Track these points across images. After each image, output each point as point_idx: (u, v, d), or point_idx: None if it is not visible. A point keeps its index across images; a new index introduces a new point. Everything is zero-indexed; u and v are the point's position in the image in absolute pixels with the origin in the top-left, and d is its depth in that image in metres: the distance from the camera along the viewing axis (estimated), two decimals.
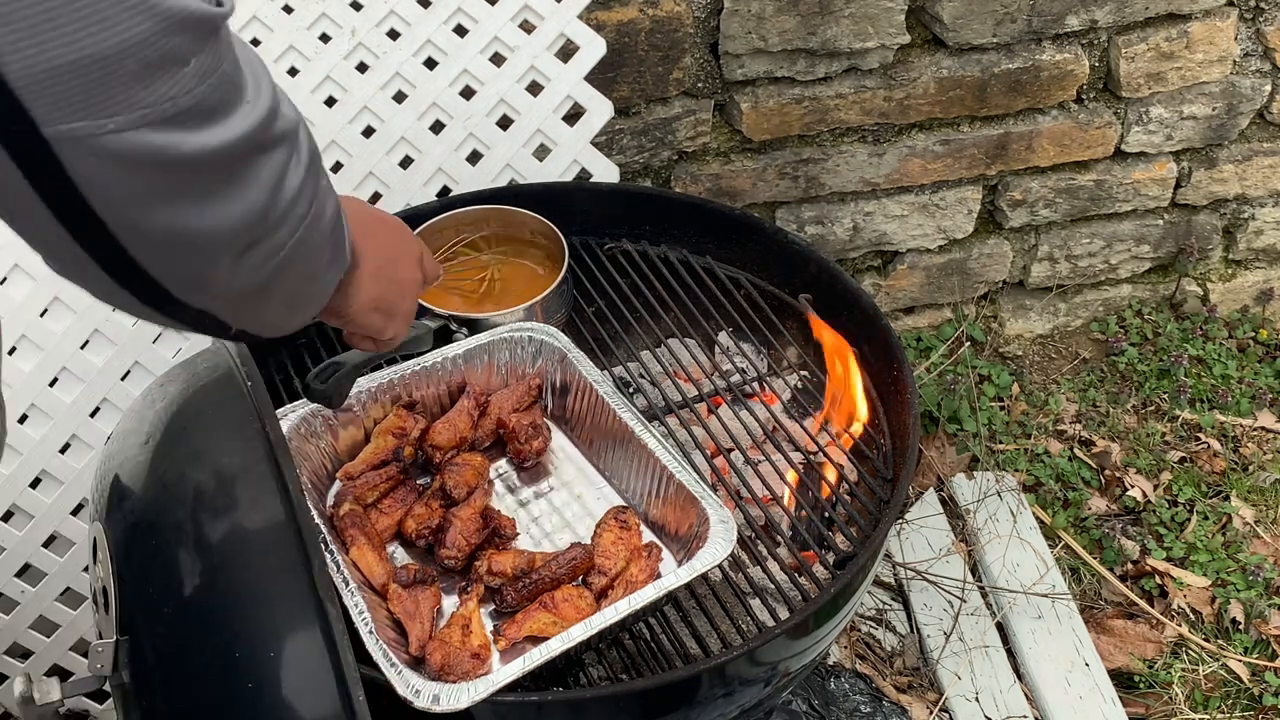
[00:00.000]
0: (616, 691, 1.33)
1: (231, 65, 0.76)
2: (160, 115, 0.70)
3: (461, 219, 1.78)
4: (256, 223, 0.80)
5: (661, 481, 1.43)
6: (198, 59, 0.72)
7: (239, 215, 0.78)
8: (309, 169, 0.86)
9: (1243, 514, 2.32)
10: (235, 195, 0.78)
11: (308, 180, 0.85)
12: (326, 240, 0.93)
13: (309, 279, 0.94)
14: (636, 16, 2.12)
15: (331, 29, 1.93)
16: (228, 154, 0.76)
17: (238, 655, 1.07)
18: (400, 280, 1.19)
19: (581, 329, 1.75)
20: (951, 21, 2.23)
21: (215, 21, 0.73)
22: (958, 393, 2.44)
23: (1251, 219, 2.66)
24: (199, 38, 0.71)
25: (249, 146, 0.78)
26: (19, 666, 1.84)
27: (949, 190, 2.47)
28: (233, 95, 0.76)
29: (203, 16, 0.72)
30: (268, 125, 0.79)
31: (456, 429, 1.52)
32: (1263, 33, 2.42)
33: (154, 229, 0.75)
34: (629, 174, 2.28)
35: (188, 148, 0.72)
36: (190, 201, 0.75)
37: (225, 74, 0.75)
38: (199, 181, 0.75)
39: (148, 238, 0.75)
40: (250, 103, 0.78)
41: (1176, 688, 2.07)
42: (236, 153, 0.77)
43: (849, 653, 2.04)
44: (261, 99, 0.79)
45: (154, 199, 0.73)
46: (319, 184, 0.88)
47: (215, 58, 0.73)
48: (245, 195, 0.78)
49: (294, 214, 0.84)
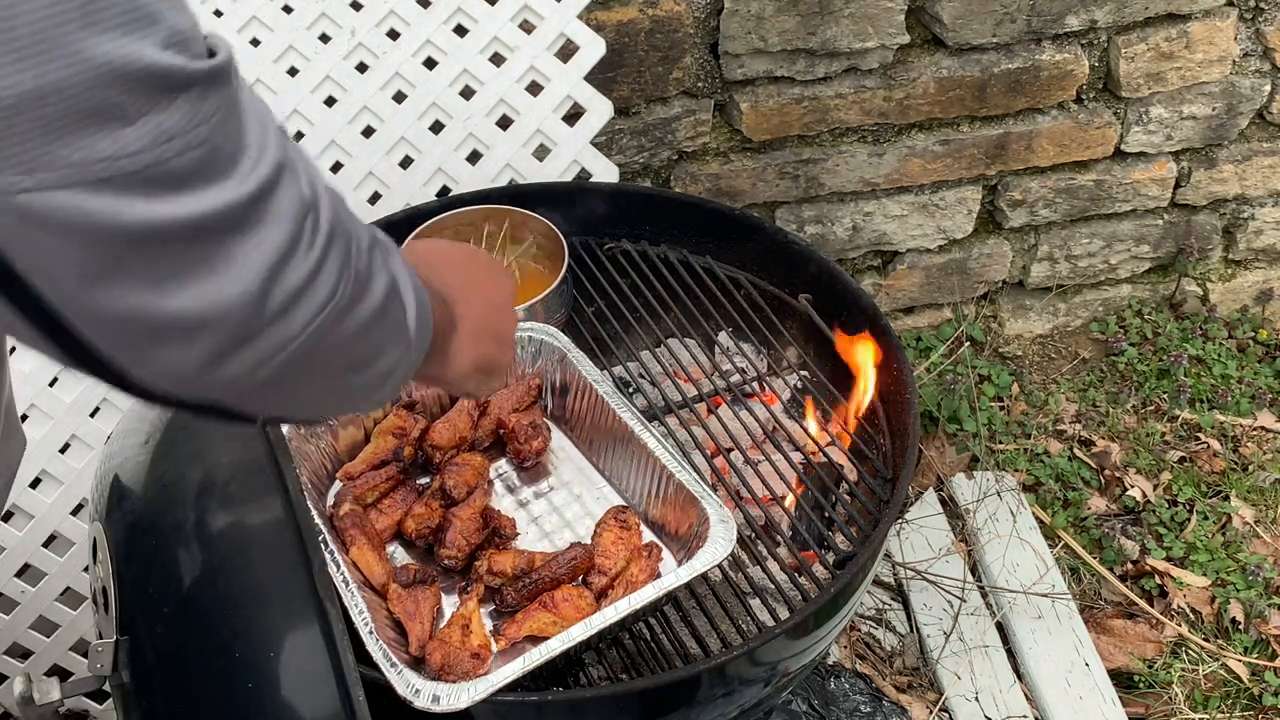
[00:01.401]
0: (616, 691, 1.33)
1: (216, 129, 0.66)
2: (93, 177, 0.61)
3: (461, 219, 1.78)
4: (245, 315, 0.70)
5: (661, 481, 1.43)
6: (151, 119, 0.63)
7: (215, 304, 0.68)
8: (330, 250, 0.75)
9: (1242, 514, 2.32)
10: (208, 280, 0.68)
11: (327, 264, 0.75)
12: (375, 327, 0.82)
13: (353, 369, 0.83)
14: (636, 16, 2.12)
15: (331, 29, 1.94)
16: (190, 231, 0.66)
17: (238, 655, 1.07)
18: (503, 335, 1.09)
19: (581, 329, 1.75)
20: (951, 21, 2.23)
21: (182, 78, 0.64)
22: (958, 393, 2.44)
23: (1251, 219, 2.66)
24: (152, 95, 0.62)
25: (223, 225, 0.67)
26: (19, 666, 1.84)
27: (949, 190, 2.47)
28: (212, 164, 0.66)
29: (159, 72, 0.62)
30: (258, 202, 0.69)
31: (456, 429, 1.52)
32: (1262, 33, 2.42)
33: (99, 307, 0.66)
34: (629, 174, 2.28)
35: (130, 218, 0.63)
36: (142, 281, 0.66)
37: (200, 139, 0.65)
38: (152, 259, 0.65)
39: (94, 317, 0.66)
40: (241, 174, 0.68)
41: (1176, 688, 2.07)
42: (205, 230, 0.67)
43: (849, 653, 2.04)
44: (260, 170, 0.69)
45: (95, 273, 0.64)
46: (350, 267, 0.77)
47: (186, 119, 0.64)
48: (223, 281, 0.68)
49: (305, 304, 0.73)
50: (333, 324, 0.76)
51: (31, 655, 1.85)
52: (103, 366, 0.70)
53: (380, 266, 0.82)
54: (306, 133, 1.91)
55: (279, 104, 1.89)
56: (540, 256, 1.79)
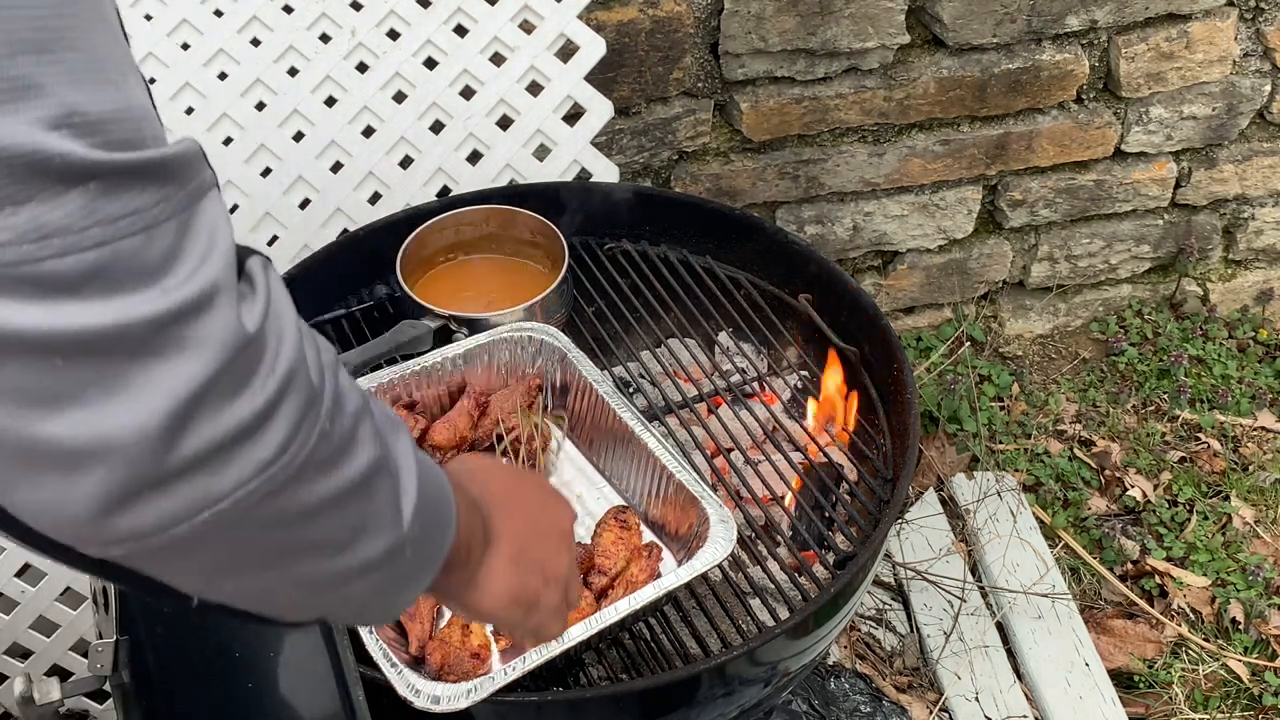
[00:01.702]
0: (616, 691, 1.33)
1: (128, 232, 0.57)
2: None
3: (461, 219, 1.78)
4: (143, 453, 0.59)
5: (661, 481, 1.43)
6: (24, 209, 0.54)
7: (105, 435, 0.58)
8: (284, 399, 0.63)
9: (1243, 514, 2.32)
10: (96, 405, 0.57)
11: (276, 415, 0.63)
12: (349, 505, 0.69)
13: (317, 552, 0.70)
14: (636, 16, 2.12)
15: (331, 29, 1.94)
16: (71, 345, 0.56)
17: (238, 655, 1.07)
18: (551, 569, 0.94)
19: (581, 329, 1.75)
20: (951, 21, 2.23)
21: (74, 168, 0.54)
22: (958, 393, 2.44)
23: (1251, 219, 2.66)
24: (24, 181, 0.53)
25: (120, 344, 0.57)
26: (19, 666, 1.84)
27: (949, 190, 2.47)
28: (113, 272, 0.56)
29: (35, 155, 0.53)
30: (171, 325, 0.58)
31: (456, 429, 1.52)
32: (1263, 33, 2.42)
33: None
34: (629, 174, 2.28)
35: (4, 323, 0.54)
36: (5, 397, 0.56)
37: (93, 240, 0.55)
38: (18, 372, 0.56)
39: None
40: (158, 290, 0.58)
41: (1176, 688, 2.07)
42: (93, 347, 0.56)
43: (849, 653, 2.04)
44: (186, 289, 0.59)
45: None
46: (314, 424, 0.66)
47: (75, 216, 0.55)
48: (116, 409, 0.58)
49: (240, 456, 0.62)
50: (282, 489, 0.64)
51: (31, 655, 1.85)
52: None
53: (368, 437, 0.70)
54: (306, 133, 1.91)
55: (279, 104, 1.90)
56: (540, 256, 1.79)
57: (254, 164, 1.89)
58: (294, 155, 1.90)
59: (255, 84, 1.90)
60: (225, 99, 1.89)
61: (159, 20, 1.89)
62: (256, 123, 1.89)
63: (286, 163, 1.90)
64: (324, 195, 1.90)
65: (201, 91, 1.89)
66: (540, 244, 1.78)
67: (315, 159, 1.90)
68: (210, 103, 1.89)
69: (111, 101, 0.57)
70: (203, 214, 0.61)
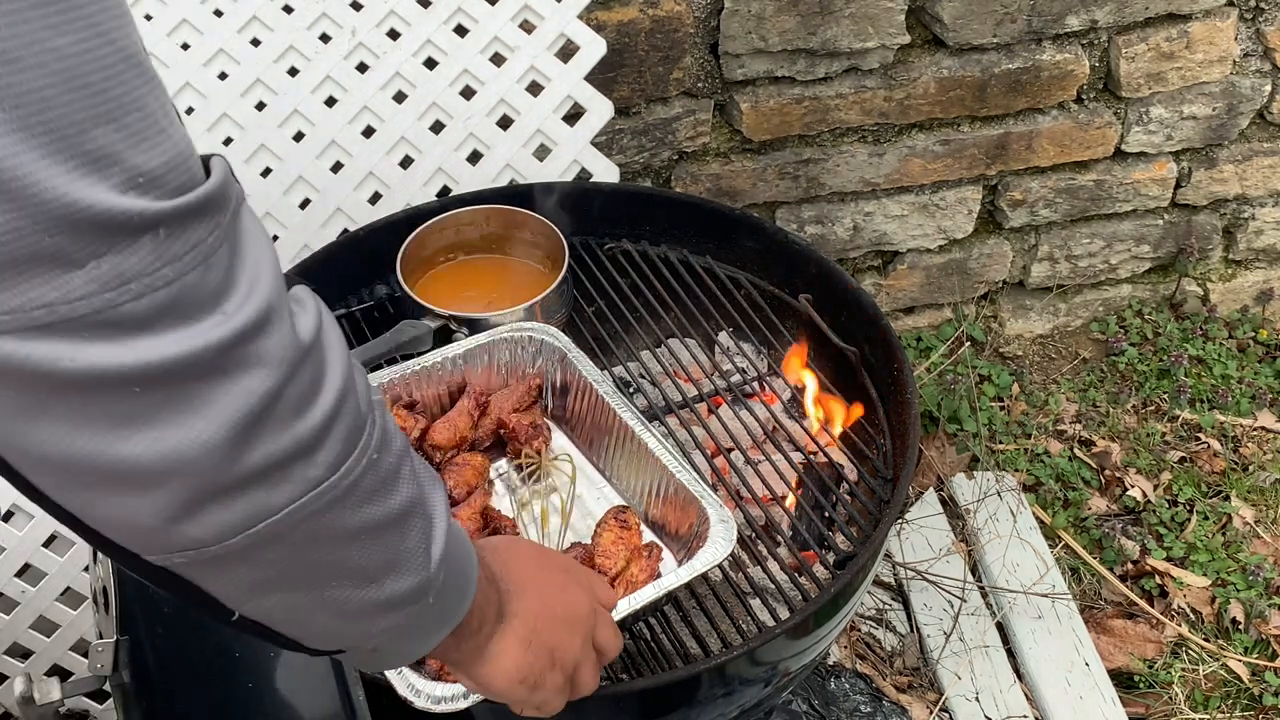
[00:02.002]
0: (616, 691, 1.33)
1: (190, 267, 0.61)
2: (31, 323, 0.57)
3: (461, 219, 1.78)
4: (212, 464, 0.64)
5: (661, 481, 1.43)
6: (104, 262, 0.58)
7: (178, 452, 0.63)
8: (337, 420, 0.69)
9: (1243, 514, 2.33)
10: (170, 426, 0.62)
11: (330, 435, 0.68)
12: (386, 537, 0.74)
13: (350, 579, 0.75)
14: (636, 16, 2.12)
15: (331, 29, 1.94)
16: (149, 376, 0.61)
17: (238, 655, 1.07)
18: (560, 652, 0.97)
19: (581, 329, 1.75)
20: (951, 21, 2.23)
21: (143, 221, 0.59)
22: (958, 393, 2.44)
23: (1251, 219, 2.66)
24: (104, 239, 0.58)
25: (192, 370, 0.62)
26: (19, 666, 1.84)
27: (949, 190, 2.47)
28: (182, 304, 0.61)
29: (113, 217, 0.58)
30: (237, 346, 0.64)
31: (456, 429, 1.52)
32: (1263, 33, 2.42)
33: (42, 451, 0.61)
34: (629, 174, 2.28)
35: (74, 365, 0.59)
36: (91, 426, 0.61)
37: (165, 279, 0.60)
38: (101, 404, 0.61)
39: (39, 461, 0.62)
40: (221, 315, 0.63)
41: (1176, 688, 2.07)
42: (168, 375, 0.61)
43: (849, 653, 2.04)
44: (245, 311, 0.64)
45: (33, 418, 0.60)
46: (364, 451, 0.71)
47: (148, 260, 0.60)
48: (189, 428, 0.63)
49: (296, 473, 0.67)
50: (329, 508, 0.69)
51: (31, 655, 1.85)
52: (58, 509, 0.66)
53: (409, 477, 0.76)
54: (306, 133, 1.91)
55: (279, 104, 1.90)
56: (540, 257, 1.79)
57: (254, 164, 1.89)
58: (294, 155, 1.90)
59: (255, 84, 1.90)
60: (225, 99, 1.89)
61: (159, 20, 1.89)
62: (256, 123, 1.89)
63: (286, 163, 1.90)
64: (324, 195, 1.90)
65: (201, 91, 1.89)
66: (540, 244, 1.78)
67: (315, 159, 1.90)
68: (210, 103, 1.89)
69: (166, 152, 0.61)
70: (244, 231, 0.66)
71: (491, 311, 1.65)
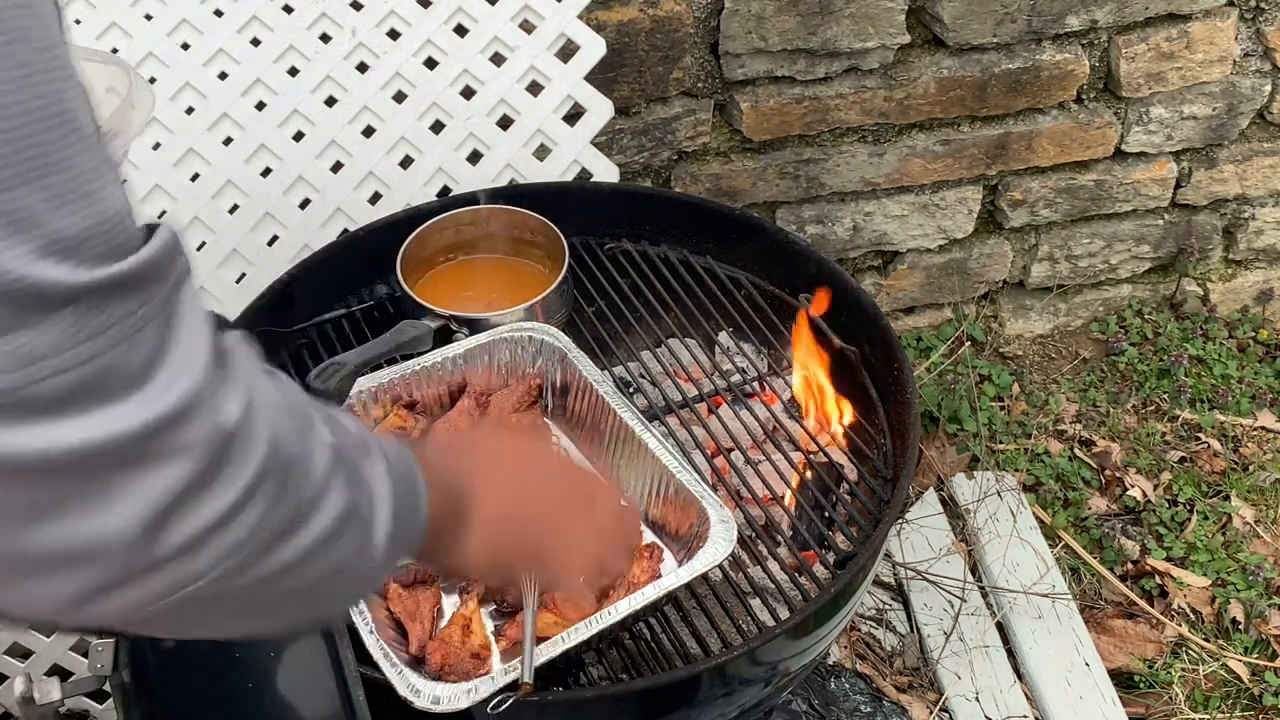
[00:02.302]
0: (616, 691, 1.33)
1: (112, 343, 0.57)
2: None
3: (461, 219, 1.78)
4: (125, 555, 0.60)
5: (661, 481, 1.43)
6: (16, 337, 0.54)
7: (88, 542, 0.59)
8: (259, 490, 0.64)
9: (1243, 514, 2.33)
10: (80, 517, 0.58)
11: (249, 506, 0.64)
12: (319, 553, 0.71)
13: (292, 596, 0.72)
14: (636, 16, 2.12)
15: (331, 29, 1.94)
16: (59, 463, 0.56)
17: (238, 655, 1.07)
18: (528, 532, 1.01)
19: (581, 329, 1.75)
20: (951, 21, 2.23)
21: (61, 293, 0.54)
22: (958, 393, 2.44)
23: (1251, 219, 2.66)
24: (17, 312, 0.53)
25: (106, 459, 0.58)
26: (19, 666, 1.84)
27: (949, 190, 2.47)
28: (100, 385, 0.57)
29: (27, 287, 0.53)
30: (154, 436, 0.59)
31: (456, 429, 1.52)
32: (1263, 33, 2.42)
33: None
34: (629, 174, 2.28)
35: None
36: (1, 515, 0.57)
37: (82, 358, 0.56)
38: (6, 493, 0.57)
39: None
40: (143, 398, 0.58)
41: (1176, 688, 2.07)
42: (80, 463, 0.57)
43: (849, 653, 2.04)
44: (168, 396, 0.59)
45: None
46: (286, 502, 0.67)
47: (64, 336, 0.55)
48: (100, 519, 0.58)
49: (214, 544, 0.63)
50: (253, 560, 0.66)
51: (31, 655, 1.85)
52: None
53: (339, 487, 0.72)
54: (307, 133, 1.91)
55: (279, 104, 1.90)
56: (540, 256, 1.79)
57: (254, 164, 1.89)
58: (294, 155, 1.90)
59: (255, 84, 1.90)
60: (225, 99, 1.89)
61: (159, 20, 1.89)
62: (256, 123, 1.89)
63: (286, 163, 1.90)
64: (324, 195, 1.90)
65: (201, 91, 1.89)
66: (540, 244, 1.78)
67: (315, 159, 1.90)
68: (210, 103, 1.89)
69: (90, 217, 0.56)
70: (182, 307, 0.61)
71: (491, 311, 1.65)
